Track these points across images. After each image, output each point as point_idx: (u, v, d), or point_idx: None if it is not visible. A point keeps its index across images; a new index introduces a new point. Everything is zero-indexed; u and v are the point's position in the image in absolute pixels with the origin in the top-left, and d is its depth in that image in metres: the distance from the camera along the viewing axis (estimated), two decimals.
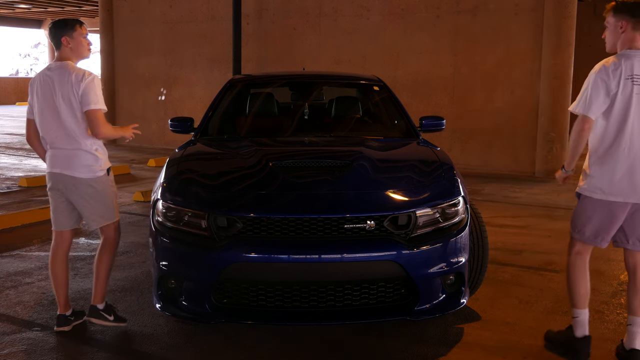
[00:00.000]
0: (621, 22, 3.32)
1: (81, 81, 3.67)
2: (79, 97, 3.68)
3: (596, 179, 3.33)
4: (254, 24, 12.46)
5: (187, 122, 5.05)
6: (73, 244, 4.54)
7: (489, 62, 10.39)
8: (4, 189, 8.55)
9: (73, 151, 3.76)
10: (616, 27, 3.34)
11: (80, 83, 3.67)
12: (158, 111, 13.57)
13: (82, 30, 3.82)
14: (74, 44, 3.79)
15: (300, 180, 3.71)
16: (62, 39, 3.77)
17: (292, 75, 6.41)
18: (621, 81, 3.23)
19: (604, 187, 3.30)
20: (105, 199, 3.83)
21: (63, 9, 25.37)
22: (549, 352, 3.61)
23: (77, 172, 3.77)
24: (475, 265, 4.04)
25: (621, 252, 3.71)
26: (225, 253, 3.33)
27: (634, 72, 3.23)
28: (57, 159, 3.82)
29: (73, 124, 3.72)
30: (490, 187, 8.98)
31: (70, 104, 3.69)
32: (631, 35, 3.30)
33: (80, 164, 3.76)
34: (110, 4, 14.10)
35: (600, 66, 3.29)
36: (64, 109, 3.71)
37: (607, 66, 3.26)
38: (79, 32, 3.80)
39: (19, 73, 48.24)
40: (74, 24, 3.81)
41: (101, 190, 3.81)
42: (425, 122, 5.12)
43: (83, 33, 3.83)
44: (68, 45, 3.78)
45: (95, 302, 3.91)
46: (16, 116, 22.84)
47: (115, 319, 3.91)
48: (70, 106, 3.70)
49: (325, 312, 3.42)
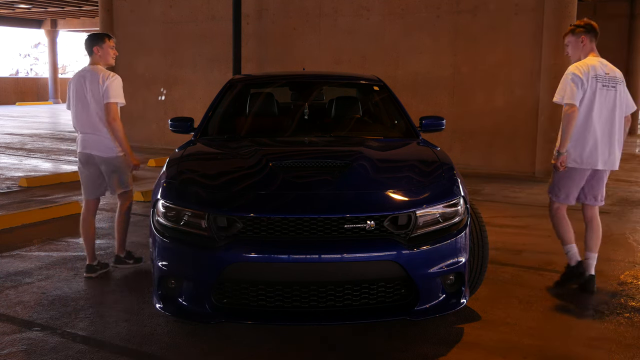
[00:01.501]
0: (581, 38, 4.51)
1: (106, 80, 4.75)
2: (102, 92, 4.73)
3: (572, 152, 4.45)
4: (254, 24, 12.46)
5: (187, 122, 5.06)
6: (73, 244, 5.69)
7: (489, 62, 10.39)
8: (4, 189, 8.55)
9: (97, 136, 4.82)
10: (577, 42, 4.53)
11: (105, 81, 4.74)
12: (158, 111, 13.57)
13: (110, 42, 4.92)
14: (102, 52, 4.88)
15: (300, 180, 3.71)
16: (94, 48, 4.86)
17: (292, 75, 6.41)
18: (589, 79, 4.35)
19: (577, 159, 4.44)
20: (123, 173, 4.91)
21: (63, 9, 25.36)
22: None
23: (101, 153, 4.82)
24: (475, 265, 4.03)
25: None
26: (225, 253, 3.33)
27: (597, 73, 4.38)
28: (86, 142, 4.87)
29: (98, 115, 4.79)
30: (490, 187, 8.98)
31: (97, 99, 4.77)
32: (590, 47, 4.52)
33: (103, 146, 4.81)
34: (110, 4, 14.09)
35: (574, 68, 4.40)
36: (92, 103, 4.79)
37: (579, 68, 4.40)
38: (107, 44, 4.90)
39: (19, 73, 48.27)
40: (104, 37, 4.91)
41: (119, 165, 4.88)
42: (425, 122, 5.12)
43: (110, 45, 4.92)
44: (98, 53, 4.86)
45: (118, 253, 5.08)
46: (16, 116, 22.86)
47: (134, 261, 5.11)
48: (97, 101, 4.77)
49: (325, 312, 3.42)
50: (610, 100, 4.39)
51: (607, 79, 4.39)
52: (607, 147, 4.43)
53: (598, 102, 4.36)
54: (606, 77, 4.39)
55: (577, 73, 4.34)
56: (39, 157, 11.99)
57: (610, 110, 4.41)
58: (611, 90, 4.39)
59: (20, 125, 19.19)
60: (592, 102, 4.36)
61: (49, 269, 5.03)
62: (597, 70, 4.37)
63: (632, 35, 17.78)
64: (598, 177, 4.53)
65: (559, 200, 4.59)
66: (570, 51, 4.58)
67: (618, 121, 4.44)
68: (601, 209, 4.45)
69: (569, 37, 4.57)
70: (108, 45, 4.87)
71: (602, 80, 4.37)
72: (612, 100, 4.40)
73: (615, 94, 4.41)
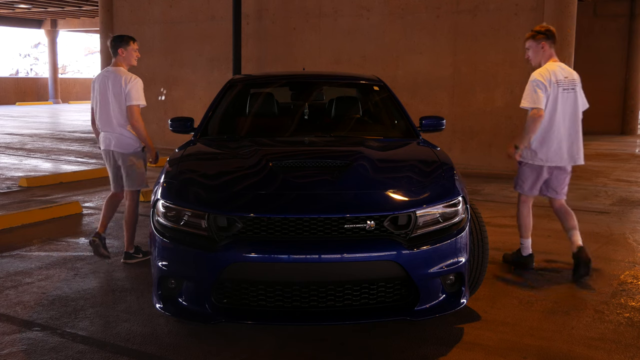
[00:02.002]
0: (542, 44, 4.84)
1: (128, 82, 5.05)
2: (124, 94, 5.04)
3: (538, 152, 4.84)
4: (254, 24, 12.46)
5: (187, 122, 5.06)
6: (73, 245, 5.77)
7: (489, 62, 10.39)
8: (4, 189, 8.55)
9: (116, 134, 5.13)
10: (538, 47, 4.87)
11: (127, 84, 5.04)
12: (158, 111, 13.57)
13: (134, 45, 5.22)
14: (126, 54, 5.18)
15: (300, 180, 3.71)
16: (118, 50, 5.15)
17: (292, 75, 6.41)
18: (551, 85, 4.73)
19: (544, 157, 4.84)
20: (137, 169, 5.19)
21: (63, 9, 25.36)
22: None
23: (119, 149, 5.14)
24: (475, 265, 4.04)
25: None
26: (225, 253, 3.33)
27: (558, 78, 4.76)
28: (107, 139, 5.18)
29: (118, 114, 5.09)
30: (490, 187, 8.98)
31: (118, 99, 5.07)
32: (549, 52, 4.87)
33: (121, 143, 5.13)
34: (110, 4, 14.09)
35: (537, 75, 4.77)
36: (113, 103, 5.09)
37: (542, 74, 4.76)
38: (132, 46, 5.19)
39: (19, 73, 48.26)
40: (129, 40, 5.20)
41: (135, 162, 5.17)
42: (425, 122, 5.12)
43: (134, 47, 5.21)
44: (122, 55, 5.16)
45: (127, 249, 5.27)
46: (16, 116, 22.86)
47: (143, 255, 5.29)
48: (118, 101, 5.07)
49: (325, 312, 3.42)
50: (571, 102, 4.80)
51: (567, 82, 4.78)
52: (571, 145, 4.85)
53: (560, 104, 4.76)
54: (566, 80, 4.78)
55: (541, 79, 4.73)
56: (39, 157, 11.99)
57: (572, 112, 4.82)
58: (571, 92, 4.79)
59: (20, 125, 19.19)
60: (555, 105, 4.76)
61: (49, 269, 5.04)
62: (558, 75, 4.76)
63: (632, 35, 17.77)
64: (560, 172, 4.92)
65: (524, 192, 5.01)
66: (531, 55, 4.94)
67: (579, 120, 4.87)
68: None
69: (530, 42, 4.91)
70: (132, 48, 5.18)
71: (562, 84, 4.76)
72: (573, 101, 4.80)
73: (575, 96, 4.81)
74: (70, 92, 34.61)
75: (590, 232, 6.33)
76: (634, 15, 17.73)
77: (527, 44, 4.92)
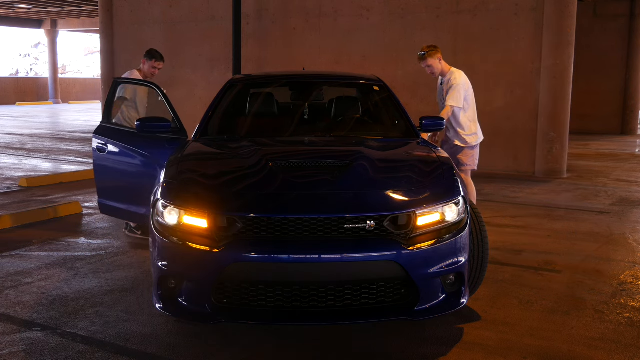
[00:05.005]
0: (437, 57, 5.98)
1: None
2: None
3: (478, 134, 6.11)
4: (254, 24, 12.46)
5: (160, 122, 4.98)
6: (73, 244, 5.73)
7: (489, 62, 10.38)
8: (4, 189, 8.55)
9: None
10: (436, 61, 5.99)
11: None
12: (158, 111, 13.55)
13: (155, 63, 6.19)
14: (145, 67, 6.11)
15: (300, 180, 3.71)
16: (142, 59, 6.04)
17: (292, 75, 6.41)
18: (468, 85, 6.02)
19: (480, 136, 6.12)
20: None
21: (63, 9, 25.37)
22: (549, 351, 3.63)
23: None
24: (475, 265, 4.03)
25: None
26: (225, 253, 3.33)
27: (466, 79, 6.05)
28: None
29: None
30: (490, 187, 8.98)
31: None
32: (443, 61, 6.02)
33: None
34: (110, 4, 14.09)
35: (460, 80, 5.91)
36: None
37: (463, 79, 5.97)
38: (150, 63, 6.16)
39: (19, 73, 48.28)
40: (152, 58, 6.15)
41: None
42: (425, 122, 5.11)
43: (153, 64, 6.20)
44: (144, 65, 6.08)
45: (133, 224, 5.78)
46: (16, 116, 22.87)
47: (142, 233, 5.77)
48: None
49: (325, 312, 3.42)
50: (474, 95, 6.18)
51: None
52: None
53: (471, 98, 6.06)
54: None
55: (463, 83, 5.97)
56: (39, 157, 11.99)
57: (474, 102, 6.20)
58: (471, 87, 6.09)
59: (20, 125, 19.20)
60: (473, 99, 6.08)
61: (49, 269, 5.03)
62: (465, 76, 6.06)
63: (632, 35, 17.76)
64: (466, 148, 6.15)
65: (474, 167, 6.20)
66: (435, 70, 6.01)
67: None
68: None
69: (427, 61, 5.95)
70: (151, 64, 5.96)
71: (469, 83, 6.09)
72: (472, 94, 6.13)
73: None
74: (70, 92, 34.63)
75: (590, 232, 6.34)
76: (634, 15, 17.73)
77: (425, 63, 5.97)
